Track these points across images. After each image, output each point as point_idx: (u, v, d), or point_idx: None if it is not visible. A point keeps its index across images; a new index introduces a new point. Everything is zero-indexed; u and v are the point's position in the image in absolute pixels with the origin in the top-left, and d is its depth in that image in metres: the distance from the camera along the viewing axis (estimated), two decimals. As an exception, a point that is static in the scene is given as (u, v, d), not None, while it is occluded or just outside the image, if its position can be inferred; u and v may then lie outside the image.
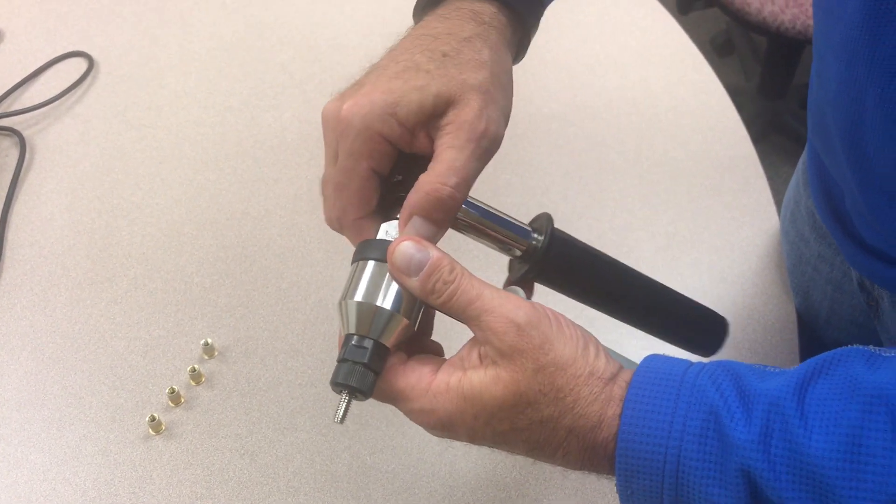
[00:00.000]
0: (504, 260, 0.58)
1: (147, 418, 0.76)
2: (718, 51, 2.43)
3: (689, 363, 0.48)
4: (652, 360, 0.49)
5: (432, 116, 0.49)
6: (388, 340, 0.49)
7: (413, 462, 0.75)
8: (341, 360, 0.48)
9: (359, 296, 0.48)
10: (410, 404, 0.49)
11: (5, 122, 1.00)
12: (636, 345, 0.60)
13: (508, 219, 0.54)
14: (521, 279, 0.54)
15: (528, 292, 0.55)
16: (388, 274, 0.49)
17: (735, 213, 0.93)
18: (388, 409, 0.51)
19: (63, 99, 1.03)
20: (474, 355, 0.48)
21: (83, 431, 0.77)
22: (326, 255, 0.89)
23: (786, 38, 1.80)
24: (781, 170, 2.22)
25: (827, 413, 0.43)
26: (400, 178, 0.51)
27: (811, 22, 1.77)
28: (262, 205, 0.93)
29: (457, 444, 0.75)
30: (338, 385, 0.48)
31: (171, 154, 0.98)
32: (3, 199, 0.93)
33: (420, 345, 0.53)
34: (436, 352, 0.53)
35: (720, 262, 0.89)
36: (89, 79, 1.05)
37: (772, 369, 0.47)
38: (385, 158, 0.50)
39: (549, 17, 0.61)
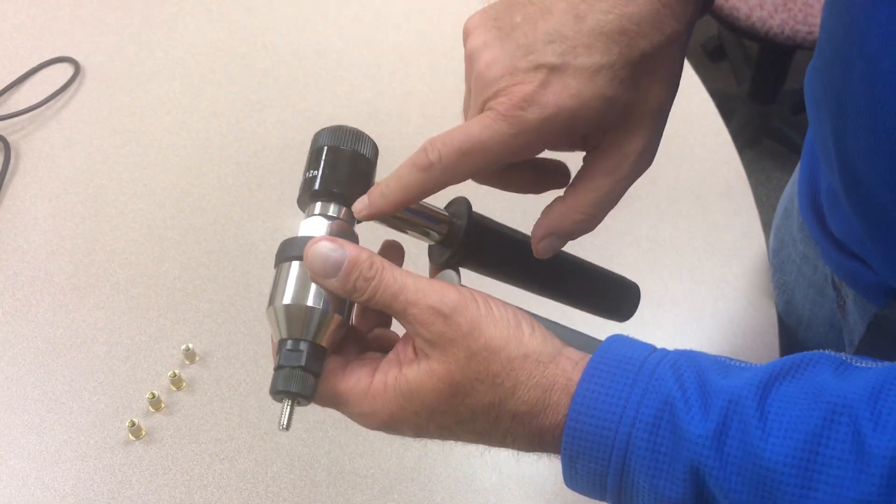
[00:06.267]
0: None
1: (127, 423, 0.76)
2: (710, 56, 2.44)
3: (653, 348, 0.46)
4: (613, 341, 0.47)
5: (603, 127, 0.47)
6: (324, 340, 0.47)
7: (392, 467, 0.75)
8: (278, 368, 0.47)
9: (287, 298, 0.47)
10: (352, 408, 0.48)
11: (-10, 127, 1.00)
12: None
13: (426, 205, 0.53)
14: (445, 265, 0.53)
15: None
16: None
17: (717, 216, 0.94)
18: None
19: (49, 104, 1.03)
20: (409, 349, 0.47)
21: (63, 436, 0.77)
22: (309, 259, 0.89)
23: (775, 44, 1.80)
24: (772, 175, 2.22)
25: (788, 416, 0.41)
26: None
27: (800, 27, 1.79)
28: (246, 210, 0.93)
29: (436, 448, 0.76)
30: (278, 393, 0.46)
31: (156, 159, 0.98)
32: (-13, 205, 0.93)
33: (366, 345, 0.52)
34: (388, 341, 0.52)
35: (702, 265, 0.90)
36: (75, 84, 1.05)
37: (737, 363, 0.45)
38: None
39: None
